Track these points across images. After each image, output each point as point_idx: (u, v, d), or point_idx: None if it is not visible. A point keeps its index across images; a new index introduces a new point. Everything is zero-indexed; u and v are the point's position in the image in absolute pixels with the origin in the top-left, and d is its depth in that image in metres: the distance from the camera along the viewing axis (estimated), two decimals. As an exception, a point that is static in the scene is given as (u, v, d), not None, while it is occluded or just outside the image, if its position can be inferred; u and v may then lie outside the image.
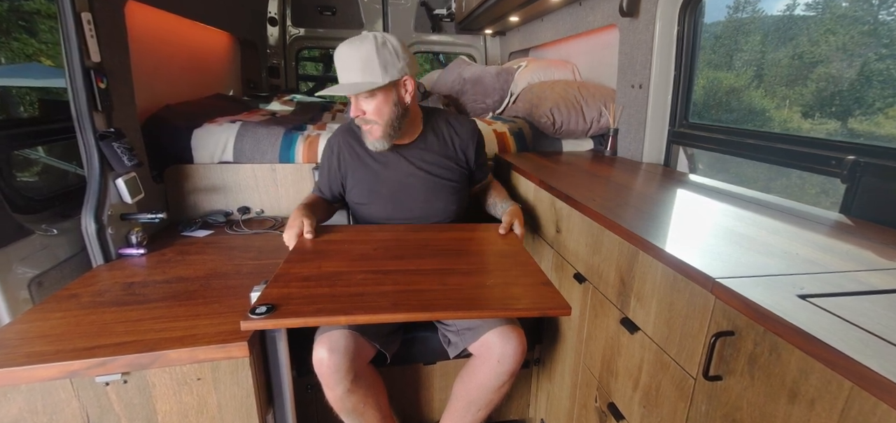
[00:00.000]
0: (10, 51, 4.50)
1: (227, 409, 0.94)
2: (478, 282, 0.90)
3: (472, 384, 1.10)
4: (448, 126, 1.29)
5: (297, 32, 3.66)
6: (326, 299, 0.80)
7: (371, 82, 1.08)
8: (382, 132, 1.15)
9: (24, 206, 1.19)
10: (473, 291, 0.86)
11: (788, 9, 2.38)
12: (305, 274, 0.90)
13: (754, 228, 0.89)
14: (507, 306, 0.83)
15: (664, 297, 0.79)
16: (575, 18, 2.21)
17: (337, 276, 0.90)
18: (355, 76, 1.08)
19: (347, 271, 0.93)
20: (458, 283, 0.89)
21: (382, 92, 1.11)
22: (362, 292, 0.84)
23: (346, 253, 1.02)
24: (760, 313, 0.57)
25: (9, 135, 1.24)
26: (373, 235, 1.15)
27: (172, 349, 0.85)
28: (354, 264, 0.96)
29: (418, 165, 1.25)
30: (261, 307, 0.76)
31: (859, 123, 1.88)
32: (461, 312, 0.84)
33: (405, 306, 0.79)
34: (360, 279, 0.89)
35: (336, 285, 0.86)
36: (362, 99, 1.11)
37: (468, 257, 1.02)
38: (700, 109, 1.96)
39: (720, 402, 0.68)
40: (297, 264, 0.96)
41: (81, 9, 1.14)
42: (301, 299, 0.80)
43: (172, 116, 1.71)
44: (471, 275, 0.93)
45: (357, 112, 1.13)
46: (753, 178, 1.59)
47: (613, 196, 1.12)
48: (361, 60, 1.07)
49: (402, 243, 1.10)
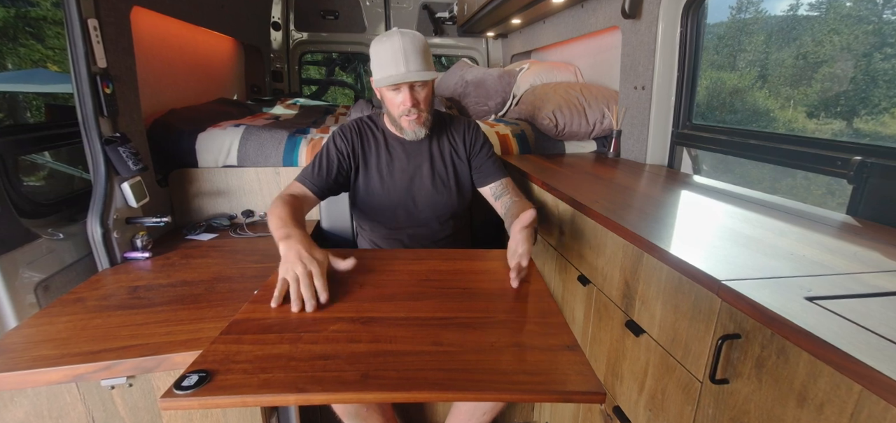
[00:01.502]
0: (17, 57, 4.55)
1: (232, 411, 0.94)
2: (481, 342, 0.68)
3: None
4: (447, 124, 1.32)
5: (300, 37, 3.68)
6: (281, 365, 0.61)
7: (433, 73, 1.12)
8: (426, 120, 1.19)
9: (30, 210, 1.20)
10: (473, 357, 0.65)
11: (792, 9, 2.37)
12: (268, 322, 0.73)
13: (760, 229, 0.89)
14: (514, 387, 0.60)
15: (669, 299, 0.79)
16: (577, 20, 2.21)
17: (304, 325, 0.72)
18: (420, 65, 1.10)
19: (320, 318, 0.75)
20: (455, 342, 0.68)
21: (432, 83, 1.18)
22: (329, 352, 0.65)
23: (329, 287, 0.82)
24: (768, 315, 0.56)
25: (16, 140, 1.25)
26: (366, 262, 0.97)
27: (177, 353, 0.85)
28: (331, 307, 0.78)
29: (426, 155, 1.28)
30: (191, 376, 0.58)
31: (865, 123, 1.87)
32: (450, 393, 0.61)
33: (376, 383, 0.59)
34: (331, 332, 0.70)
35: (300, 340, 0.68)
36: (418, 87, 1.14)
37: (474, 301, 0.81)
38: (703, 110, 1.95)
39: (727, 406, 0.67)
40: (262, 305, 0.78)
41: (88, 15, 1.15)
42: (249, 362, 0.62)
43: (177, 121, 1.72)
44: (474, 328, 0.72)
45: (413, 102, 1.14)
46: (758, 179, 1.58)
47: (617, 198, 1.12)
48: (422, 51, 1.11)
49: (397, 277, 0.91)
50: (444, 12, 3.60)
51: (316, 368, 0.61)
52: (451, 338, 0.69)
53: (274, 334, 0.69)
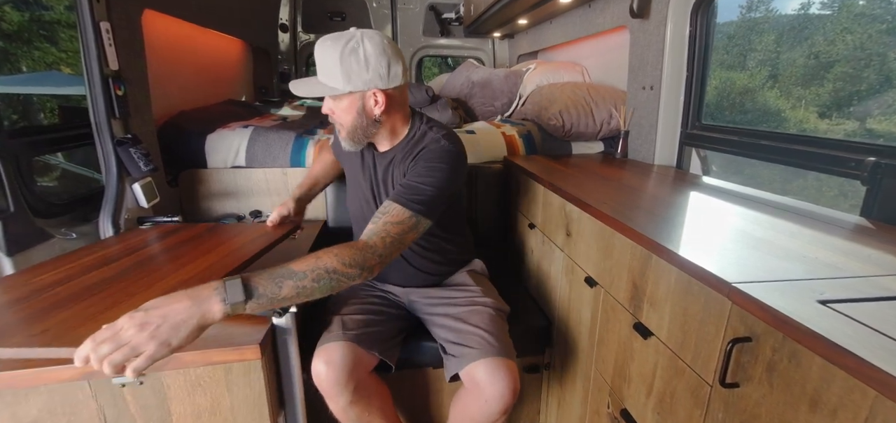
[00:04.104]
0: (31, 59, 4.64)
1: (240, 411, 0.95)
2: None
3: (464, 417, 1.07)
4: (419, 145, 1.09)
5: (307, 38, 3.70)
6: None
7: (331, 89, 1.00)
8: (346, 134, 1.08)
9: (44, 211, 1.22)
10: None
11: (803, 8, 2.34)
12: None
13: (771, 231, 0.88)
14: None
15: (678, 302, 0.78)
16: (584, 20, 2.20)
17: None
18: (321, 75, 1.02)
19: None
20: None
21: (347, 98, 1.02)
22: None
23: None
24: (779, 318, 0.56)
25: (30, 141, 1.27)
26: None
27: (187, 351, 0.86)
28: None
29: (389, 172, 1.13)
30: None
31: (878, 123, 1.84)
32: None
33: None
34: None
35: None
36: (329, 99, 1.05)
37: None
38: (712, 110, 1.93)
39: (737, 410, 0.66)
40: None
41: (100, 18, 1.17)
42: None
43: (187, 122, 1.75)
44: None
45: (326, 109, 1.07)
46: (768, 180, 1.56)
47: (625, 199, 1.11)
48: (326, 63, 1.00)
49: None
50: (451, 13, 3.60)
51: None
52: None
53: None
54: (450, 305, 1.16)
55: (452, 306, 1.15)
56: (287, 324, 0.95)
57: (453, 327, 1.09)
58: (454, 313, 1.12)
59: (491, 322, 1.08)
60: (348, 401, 1.00)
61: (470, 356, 1.01)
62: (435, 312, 1.17)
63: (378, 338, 1.07)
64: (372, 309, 1.15)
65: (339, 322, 1.06)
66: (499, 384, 0.98)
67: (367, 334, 1.06)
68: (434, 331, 1.15)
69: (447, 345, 1.08)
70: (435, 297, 1.20)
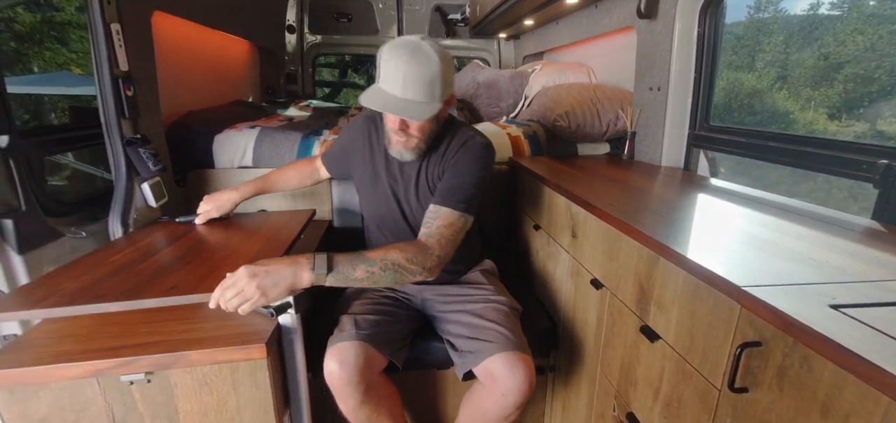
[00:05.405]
0: (42, 60, 4.71)
1: (246, 410, 0.96)
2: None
3: (476, 413, 1.08)
4: (449, 137, 1.13)
5: (313, 39, 3.72)
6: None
7: (433, 108, 0.96)
8: (416, 146, 1.05)
9: (54, 209, 1.24)
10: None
11: (812, 8, 2.32)
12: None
13: (780, 234, 0.87)
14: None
15: (686, 305, 0.77)
16: (591, 21, 2.19)
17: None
18: (416, 94, 0.95)
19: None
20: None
21: (438, 113, 1.01)
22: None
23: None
24: (790, 323, 0.55)
25: (41, 141, 1.29)
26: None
27: (194, 350, 0.87)
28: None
29: (414, 169, 1.15)
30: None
31: (889, 125, 1.81)
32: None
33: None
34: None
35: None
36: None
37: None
38: (720, 111, 1.91)
39: (746, 415, 0.65)
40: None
41: (111, 20, 1.18)
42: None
43: (195, 123, 1.76)
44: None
45: (401, 126, 1.01)
46: (777, 182, 1.55)
47: (631, 201, 1.10)
48: (427, 82, 0.94)
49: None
50: (457, 14, 3.60)
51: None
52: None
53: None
54: (466, 301, 1.17)
55: (469, 302, 1.17)
56: (293, 324, 0.95)
57: (469, 323, 1.10)
58: (471, 310, 1.13)
59: (506, 319, 1.10)
60: (359, 401, 1.00)
61: (487, 350, 1.02)
62: (449, 309, 1.18)
63: (388, 339, 1.08)
64: (383, 309, 1.15)
65: (351, 321, 1.06)
66: (517, 376, 0.99)
67: (378, 334, 1.06)
68: (447, 328, 1.16)
69: (461, 341, 1.09)
70: (451, 294, 1.21)
